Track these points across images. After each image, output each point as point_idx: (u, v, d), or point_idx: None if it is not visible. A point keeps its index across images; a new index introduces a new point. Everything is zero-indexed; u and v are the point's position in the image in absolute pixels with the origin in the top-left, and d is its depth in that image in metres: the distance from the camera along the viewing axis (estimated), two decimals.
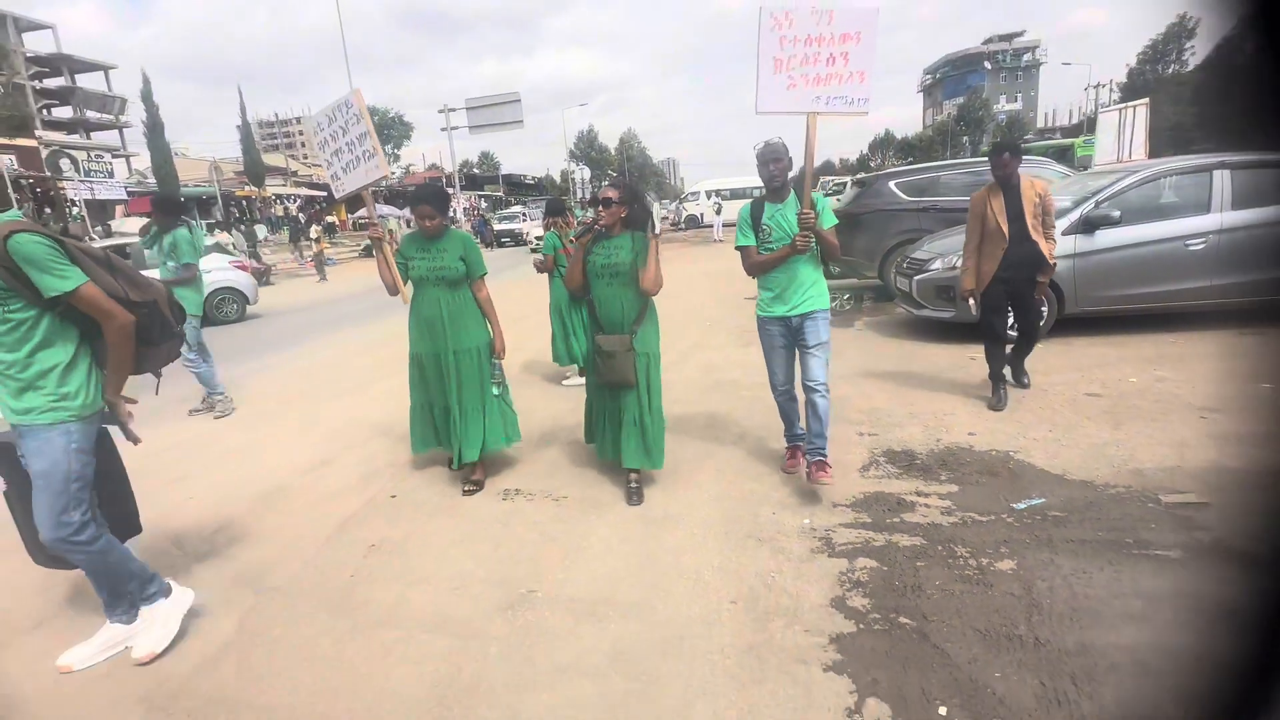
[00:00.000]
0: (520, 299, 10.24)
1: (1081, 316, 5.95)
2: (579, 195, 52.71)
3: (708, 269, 13.94)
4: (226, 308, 11.41)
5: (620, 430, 3.50)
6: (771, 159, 3.21)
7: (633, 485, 3.51)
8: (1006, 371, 4.66)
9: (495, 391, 3.76)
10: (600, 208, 3.35)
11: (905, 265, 6.87)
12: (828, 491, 3.32)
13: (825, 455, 3.30)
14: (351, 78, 27.53)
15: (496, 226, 32.77)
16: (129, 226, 20.33)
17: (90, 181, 31.53)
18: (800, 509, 3.23)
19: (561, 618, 2.53)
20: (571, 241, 4.32)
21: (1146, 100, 11.89)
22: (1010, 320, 4.72)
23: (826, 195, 5.67)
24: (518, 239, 30.66)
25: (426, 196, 3.60)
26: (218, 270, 11.16)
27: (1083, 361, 5.27)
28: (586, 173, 65.09)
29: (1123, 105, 12.44)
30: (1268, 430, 3.65)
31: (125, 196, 35.48)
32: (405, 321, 3.75)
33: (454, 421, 3.68)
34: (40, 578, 2.93)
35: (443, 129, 36.29)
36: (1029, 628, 2.24)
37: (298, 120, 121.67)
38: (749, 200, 3.56)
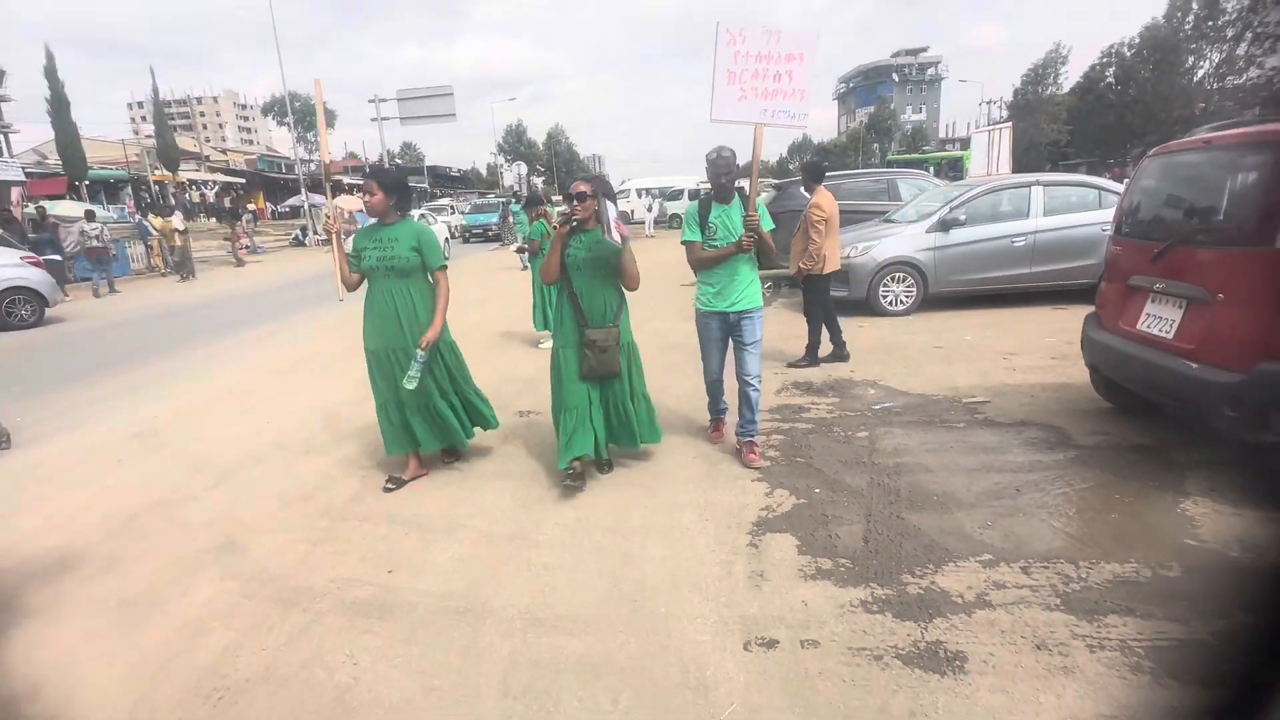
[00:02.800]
0: (474, 285, 11.37)
1: (940, 296, 7.79)
2: (513, 190, 52.94)
3: (646, 261, 15.37)
4: (18, 310, 10.13)
5: (613, 418, 3.65)
6: (724, 171, 3.55)
7: (605, 463, 3.72)
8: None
9: (410, 385, 3.43)
10: (575, 202, 3.37)
11: None
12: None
13: (755, 438, 3.85)
14: (282, 58, 27.22)
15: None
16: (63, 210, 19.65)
17: None
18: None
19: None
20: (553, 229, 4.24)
21: (1010, 124, 14.25)
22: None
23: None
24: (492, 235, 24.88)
25: (376, 173, 3.61)
26: (6, 267, 10.00)
27: (937, 327, 7.06)
28: (522, 168, 65.32)
29: (991, 128, 14.81)
30: (1039, 362, 5.46)
31: (23, 177, 33.41)
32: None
33: (418, 417, 3.64)
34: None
35: (373, 119, 35.87)
36: (869, 458, 3.80)
37: (199, 100, 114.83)
38: (696, 200, 3.90)
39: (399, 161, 59.90)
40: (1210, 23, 32.60)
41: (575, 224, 3.41)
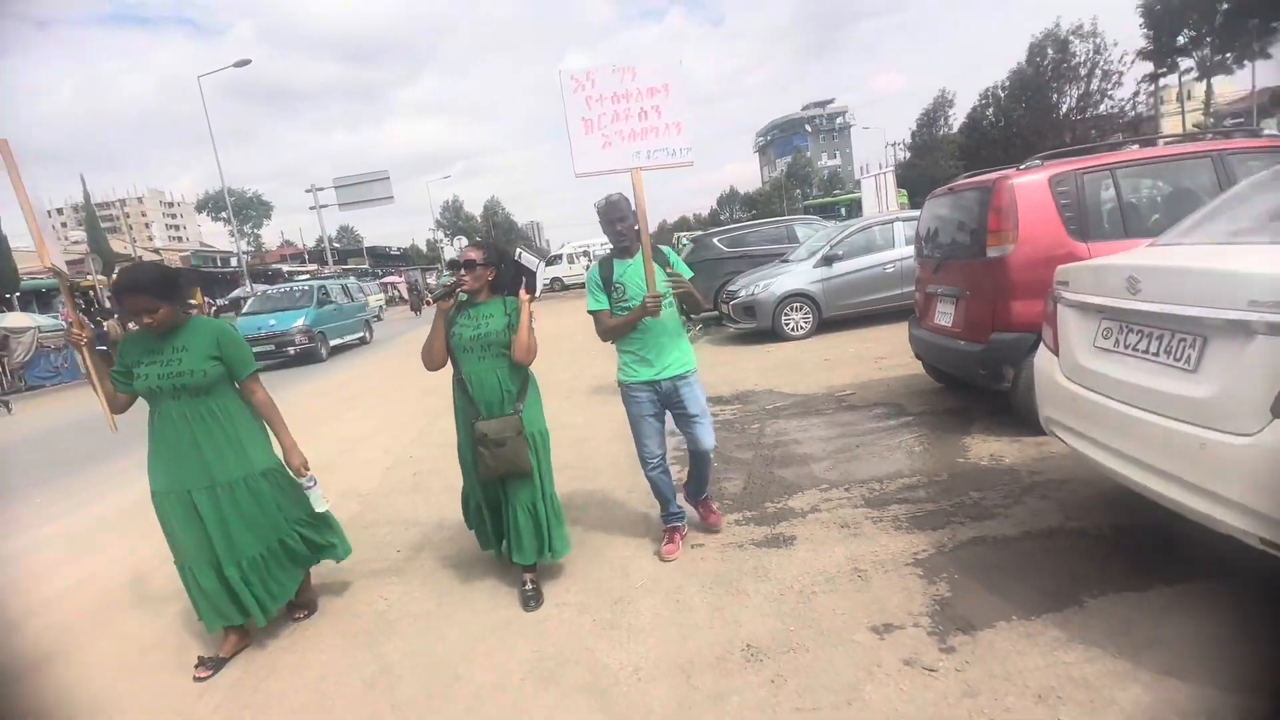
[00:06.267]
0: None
1: (831, 319, 9.24)
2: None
3: (578, 316, 16.68)
4: None
5: (512, 523, 3.07)
6: (616, 218, 3.09)
7: (528, 589, 3.06)
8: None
9: (322, 508, 3.03)
10: (462, 270, 2.96)
11: (724, 295, 9.96)
12: None
13: (709, 496, 3.62)
14: (220, 158, 28.11)
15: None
16: None
17: None
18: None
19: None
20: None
21: (892, 169, 16.34)
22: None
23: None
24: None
25: (138, 283, 2.65)
26: None
27: (829, 345, 8.46)
28: (463, 242, 66.74)
29: (875, 174, 16.93)
30: (902, 361, 6.84)
31: None
32: None
33: (235, 582, 2.80)
34: None
35: (311, 207, 37.19)
36: (758, 440, 4.99)
37: (122, 203, 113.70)
38: (595, 261, 3.48)
39: (337, 245, 60.52)
40: (1065, 64, 37.06)
41: (463, 297, 3.02)
